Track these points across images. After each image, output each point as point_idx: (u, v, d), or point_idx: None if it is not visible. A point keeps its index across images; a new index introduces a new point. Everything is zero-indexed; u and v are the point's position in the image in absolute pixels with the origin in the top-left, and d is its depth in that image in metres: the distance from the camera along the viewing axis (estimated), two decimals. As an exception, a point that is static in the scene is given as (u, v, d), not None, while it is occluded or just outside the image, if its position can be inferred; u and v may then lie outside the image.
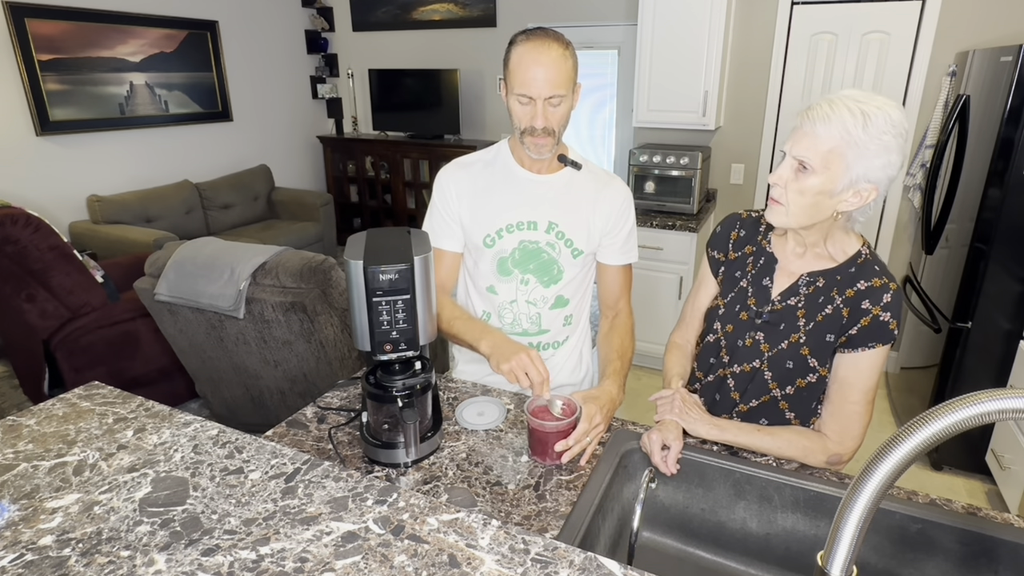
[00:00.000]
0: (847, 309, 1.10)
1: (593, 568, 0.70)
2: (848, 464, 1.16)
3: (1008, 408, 0.52)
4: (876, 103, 1.00)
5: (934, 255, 2.76)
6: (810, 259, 1.15)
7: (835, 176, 1.01)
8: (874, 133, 0.98)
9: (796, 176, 1.04)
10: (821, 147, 1.01)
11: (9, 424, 0.99)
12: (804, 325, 1.13)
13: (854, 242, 1.14)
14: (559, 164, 1.37)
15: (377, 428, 1.12)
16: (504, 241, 1.37)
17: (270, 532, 0.75)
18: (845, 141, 0.99)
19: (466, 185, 1.39)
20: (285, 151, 5.43)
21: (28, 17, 3.61)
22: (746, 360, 1.20)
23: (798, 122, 1.05)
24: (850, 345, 1.09)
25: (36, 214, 2.55)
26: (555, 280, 1.40)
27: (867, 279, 1.09)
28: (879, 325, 1.07)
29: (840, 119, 0.99)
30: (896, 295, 1.07)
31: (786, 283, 1.17)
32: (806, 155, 1.02)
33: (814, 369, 1.13)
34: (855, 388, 1.10)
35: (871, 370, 1.09)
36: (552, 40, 1.20)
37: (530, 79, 1.20)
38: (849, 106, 0.99)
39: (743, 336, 1.20)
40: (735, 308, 1.22)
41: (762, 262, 1.21)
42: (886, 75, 3.11)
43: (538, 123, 1.23)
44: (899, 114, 1.00)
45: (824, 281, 1.13)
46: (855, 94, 1.02)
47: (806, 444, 1.11)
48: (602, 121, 4.88)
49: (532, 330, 1.44)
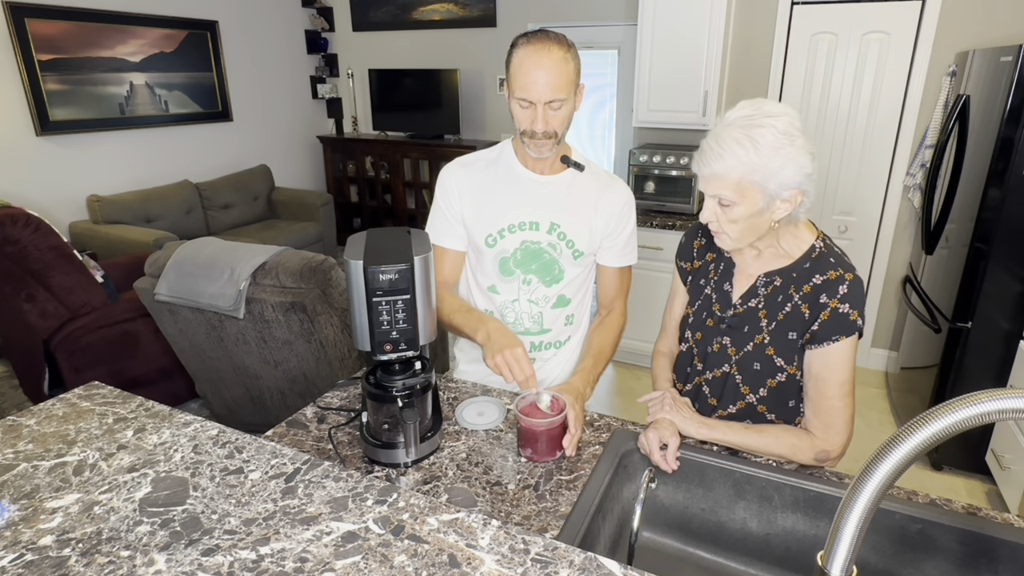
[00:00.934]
0: (805, 305, 1.11)
1: (593, 568, 0.70)
2: (847, 464, 1.16)
3: (1008, 408, 0.52)
4: (762, 120, 1.01)
5: (934, 255, 2.76)
6: (767, 259, 1.16)
7: (754, 200, 1.04)
8: (768, 152, 1.00)
9: (722, 211, 1.07)
10: (729, 182, 1.04)
11: (9, 424, 0.99)
12: (767, 326, 1.14)
13: (807, 235, 1.14)
14: (562, 165, 1.37)
15: (377, 428, 1.12)
16: (506, 241, 1.38)
17: (270, 532, 0.75)
18: (747, 170, 1.02)
19: (468, 184, 1.39)
20: (285, 151, 5.43)
21: (28, 17, 3.61)
22: (716, 366, 1.21)
23: (696, 167, 1.08)
24: (815, 341, 1.10)
25: (36, 214, 2.55)
26: (556, 280, 1.41)
27: (822, 273, 1.10)
28: (839, 317, 1.07)
29: (732, 153, 1.01)
30: (853, 285, 1.07)
31: (745, 285, 1.18)
32: (720, 193, 1.05)
33: (781, 368, 1.14)
34: (829, 383, 1.11)
35: (841, 363, 1.10)
36: (553, 43, 1.20)
37: (530, 83, 1.20)
38: (735, 136, 1.01)
39: (711, 342, 1.22)
40: (702, 315, 1.25)
41: (722, 267, 1.23)
42: (886, 75, 3.11)
43: (538, 127, 1.24)
44: (786, 120, 1.01)
45: (781, 280, 1.14)
46: (740, 115, 1.04)
47: (794, 441, 1.12)
48: (602, 121, 4.88)
49: (534, 329, 1.44)
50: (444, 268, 1.43)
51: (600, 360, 1.38)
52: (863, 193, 3.31)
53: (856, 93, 3.20)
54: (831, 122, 3.29)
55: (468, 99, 4.95)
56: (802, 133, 1.03)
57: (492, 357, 1.19)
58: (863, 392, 3.25)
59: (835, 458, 1.13)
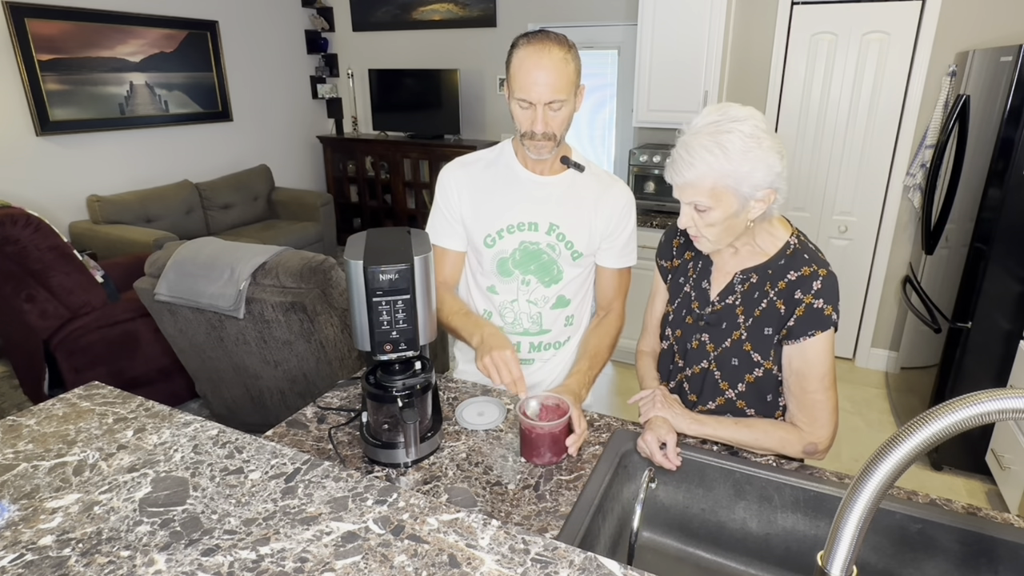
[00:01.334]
0: (780, 301, 1.13)
1: (593, 568, 0.70)
2: (847, 464, 1.16)
3: (1008, 408, 0.52)
4: (728, 126, 1.03)
5: (934, 255, 2.76)
6: (744, 256, 1.18)
7: (729, 203, 1.06)
8: (737, 157, 1.02)
9: (699, 216, 1.10)
10: (703, 189, 1.06)
11: (9, 424, 0.99)
12: (744, 322, 1.17)
13: (782, 232, 1.17)
14: (562, 166, 1.37)
15: (377, 428, 1.12)
16: (505, 241, 1.37)
17: (270, 532, 0.75)
18: (719, 176, 1.04)
19: (467, 184, 1.39)
20: (285, 151, 5.43)
21: (28, 17, 3.61)
22: (695, 362, 1.23)
23: (669, 176, 1.10)
24: (791, 336, 1.12)
25: (36, 214, 2.55)
26: (555, 280, 1.40)
27: (796, 269, 1.12)
28: (814, 313, 1.10)
29: (702, 160, 1.04)
30: (827, 281, 1.10)
31: (723, 282, 1.21)
32: (695, 199, 1.08)
33: (758, 363, 1.17)
34: (810, 377, 1.13)
35: (819, 357, 1.11)
36: (553, 44, 1.19)
37: (530, 84, 1.19)
38: (703, 143, 1.04)
39: (690, 339, 1.24)
40: (682, 312, 1.27)
41: (700, 265, 1.25)
42: (886, 75, 3.11)
43: (538, 128, 1.24)
44: (751, 124, 1.03)
45: (757, 277, 1.16)
46: (706, 123, 1.06)
47: (783, 435, 1.14)
48: (602, 121, 4.88)
49: (533, 329, 1.44)
50: (444, 268, 1.43)
51: (596, 362, 1.37)
52: (863, 193, 3.31)
53: (856, 93, 3.20)
54: (831, 122, 3.29)
55: (468, 99, 4.95)
56: (768, 134, 1.05)
57: (482, 359, 1.20)
58: (863, 392, 3.25)
59: (823, 450, 1.15)
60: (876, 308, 3.42)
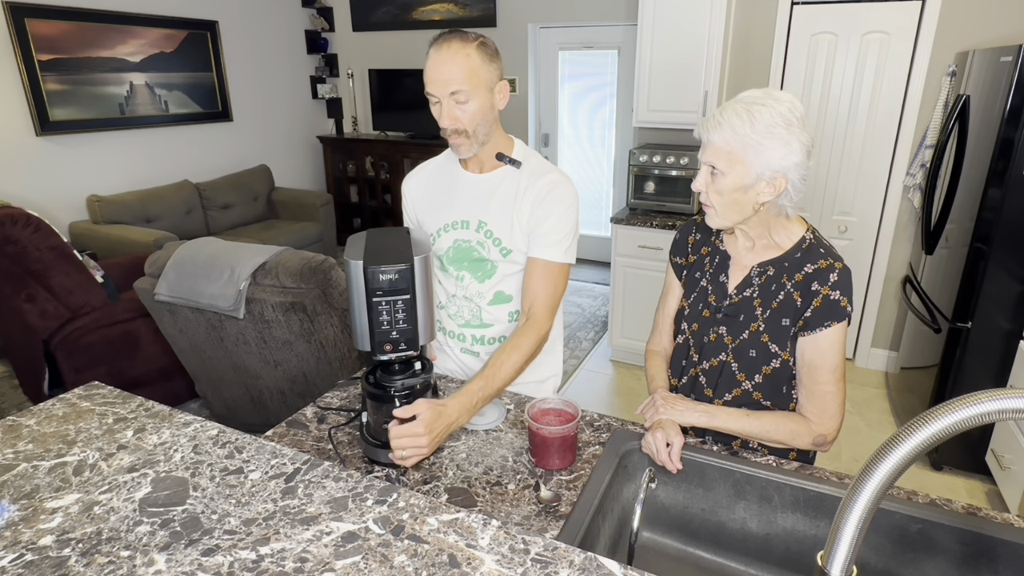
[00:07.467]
0: (798, 293, 1.15)
1: (593, 568, 0.70)
2: (847, 464, 1.16)
3: (1008, 408, 0.52)
4: (766, 101, 1.08)
5: (934, 255, 2.76)
6: (760, 251, 1.21)
7: (742, 173, 1.09)
8: (761, 129, 1.06)
9: (712, 180, 1.13)
10: (722, 151, 1.09)
11: (9, 424, 0.99)
12: (761, 313, 1.19)
13: (798, 228, 1.20)
14: (499, 163, 1.37)
15: (377, 428, 1.12)
16: (441, 240, 1.41)
17: (270, 532, 0.75)
18: (739, 141, 1.07)
19: (417, 190, 1.46)
20: (285, 151, 5.43)
21: (28, 17, 3.61)
22: (713, 355, 1.24)
23: (697, 132, 1.14)
24: (808, 327, 1.14)
25: (36, 214, 2.55)
26: (489, 276, 1.40)
27: (813, 262, 1.15)
28: (831, 304, 1.12)
29: (729, 123, 1.08)
30: (842, 273, 1.13)
31: (740, 276, 1.23)
32: (713, 160, 1.11)
33: (776, 355, 1.18)
34: (822, 369, 1.14)
35: (833, 348, 1.14)
36: (455, 39, 1.21)
37: (431, 78, 1.22)
38: (736, 109, 1.08)
39: (707, 332, 1.25)
40: (698, 307, 1.28)
41: (717, 260, 1.27)
42: (886, 75, 3.11)
43: (444, 122, 1.25)
44: (787, 106, 1.08)
45: (774, 270, 1.19)
46: (749, 95, 1.11)
47: (792, 427, 1.15)
48: (602, 121, 4.88)
49: (474, 322, 1.45)
50: None
51: (492, 381, 1.20)
52: (863, 193, 3.31)
53: (856, 93, 3.20)
54: (831, 122, 3.29)
55: (468, 99, 4.95)
56: (801, 123, 1.08)
57: None
58: (863, 392, 3.25)
59: (830, 442, 1.17)
60: (876, 308, 3.42)
